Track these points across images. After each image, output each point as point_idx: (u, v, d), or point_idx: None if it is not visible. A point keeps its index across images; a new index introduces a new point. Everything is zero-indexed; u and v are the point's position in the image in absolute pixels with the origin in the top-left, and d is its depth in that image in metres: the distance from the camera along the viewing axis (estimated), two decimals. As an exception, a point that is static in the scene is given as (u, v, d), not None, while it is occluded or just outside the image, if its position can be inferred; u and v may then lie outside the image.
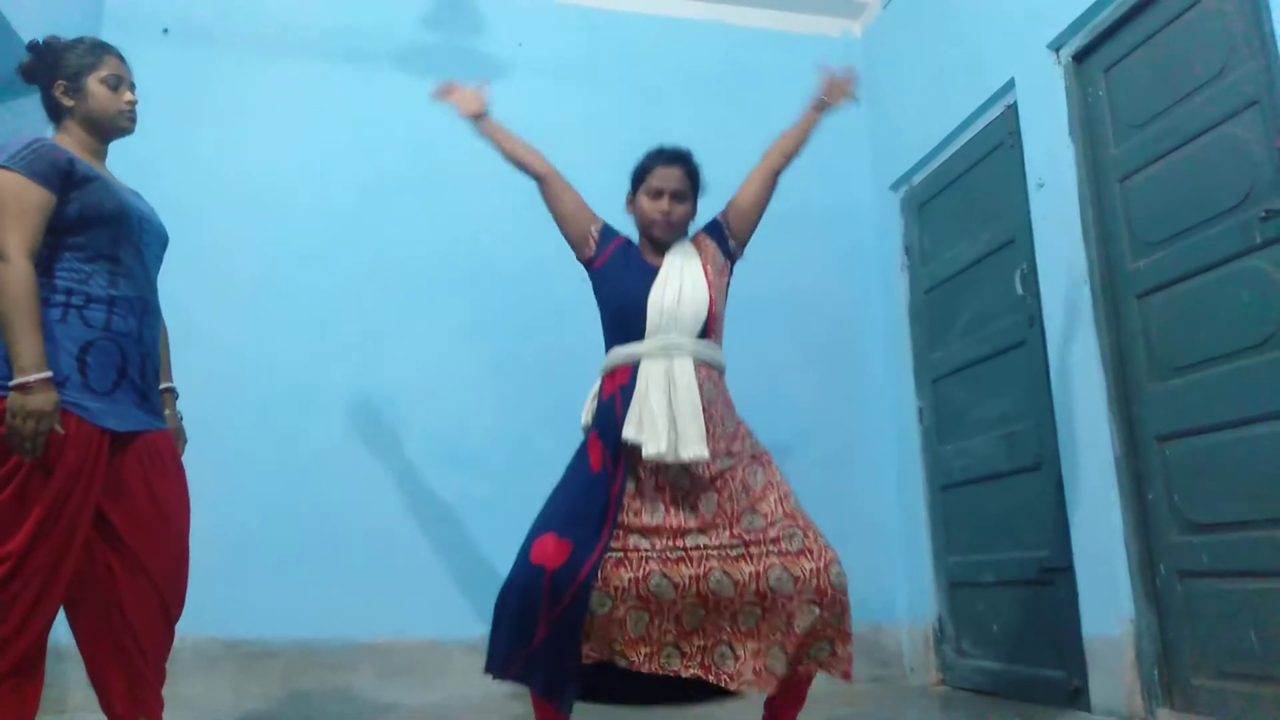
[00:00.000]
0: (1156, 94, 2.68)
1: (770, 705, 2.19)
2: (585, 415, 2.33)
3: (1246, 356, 2.36)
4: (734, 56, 4.27)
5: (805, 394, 3.91)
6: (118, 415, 1.96)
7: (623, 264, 2.35)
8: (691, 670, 2.06)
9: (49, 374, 1.81)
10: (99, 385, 1.94)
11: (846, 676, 2.09)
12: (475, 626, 3.45)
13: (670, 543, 2.08)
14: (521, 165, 2.57)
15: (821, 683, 3.70)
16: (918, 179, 3.96)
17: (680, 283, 2.26)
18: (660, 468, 2.12)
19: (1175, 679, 2.55)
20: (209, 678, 3.22)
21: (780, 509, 2.15)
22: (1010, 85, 3.26)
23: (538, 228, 3.90)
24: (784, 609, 2.05)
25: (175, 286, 3.52)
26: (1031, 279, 3.13)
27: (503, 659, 2.06)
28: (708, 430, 2.13)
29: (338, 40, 3.90)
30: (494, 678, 2.09)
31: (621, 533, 2.09)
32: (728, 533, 2.10)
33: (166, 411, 2.21)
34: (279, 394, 3.50)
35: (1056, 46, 3.04)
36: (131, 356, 2.01)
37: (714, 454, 2.13)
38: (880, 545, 3.84)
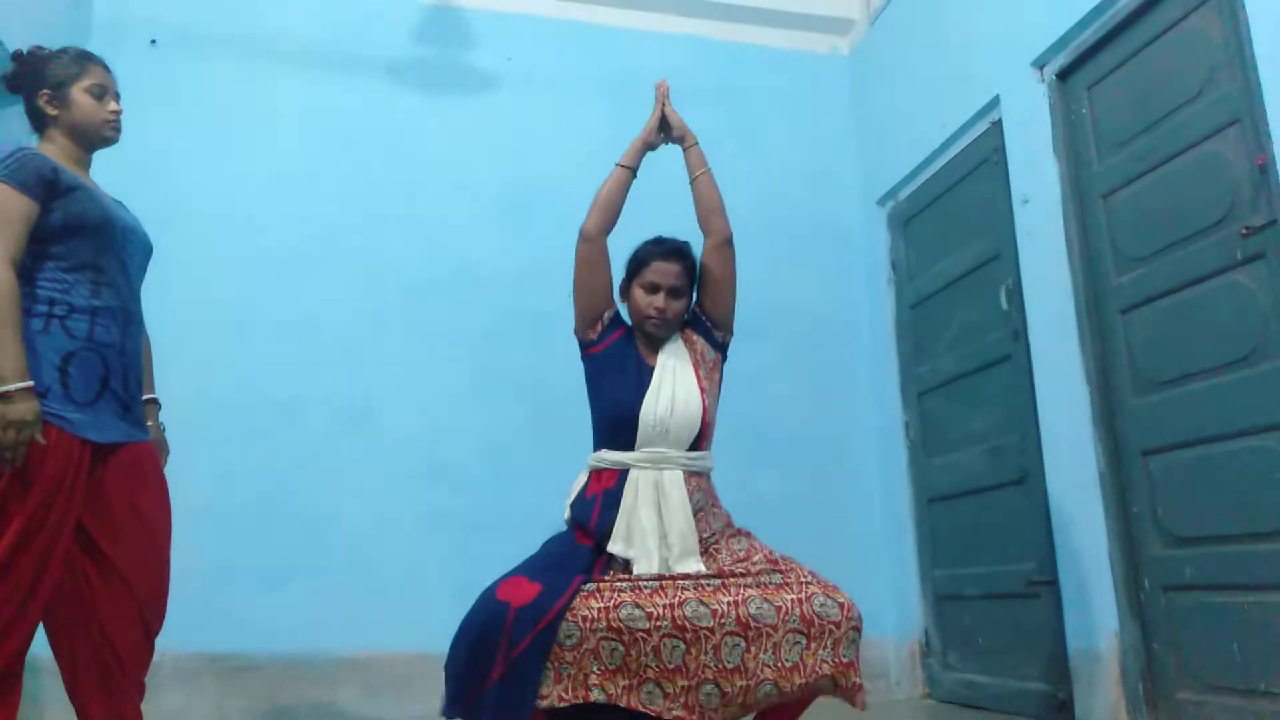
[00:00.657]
0: (1139, 112, 2.72)
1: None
2: (567, 511, 2.25)
3: (1229, 371, 2.38)
4: (723, 73, 4.29)
5: (792, 407, 3.92)
6: (99, 426, 1.94)
7: (620, 361, 2.25)
8: (675, 712, 1.92)
9: (30, 383, 1.79)
10: (81, 396, 1.92)
11: (858, 705, 2.04)
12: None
13: (646, 582, 2.00)
14: (606, 210, 2.38)
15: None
16: (904, 194, 3.99)
17: (673, 392, 2.18)
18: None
19: (1160, 692, 2.56)
20: (190, 692, 3.18)
21: (762, 555, 2.10)
22: (995, 102, 3.30)
23: (520, 239, 3.93)
24: (769, 639, 1.95)
25: (158, 297, 3.50)
26: (1016, 294, 3.15)
27: (451, 698, 1.98)
28: (699, 537, 2.09)
29: (326, 52, 3.91)
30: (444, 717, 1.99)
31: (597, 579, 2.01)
32: (707, 570, 2.05)
33: (149, 423, 2.19)
34: (261, 406, 3.48)
35: (1040, 64, 3.07)
36: (114, 367, 1.99)
37: (704, 557, 2.08)
38: (866, 558, 3.85)
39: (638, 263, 2.31)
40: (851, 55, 4.46)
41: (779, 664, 1.95)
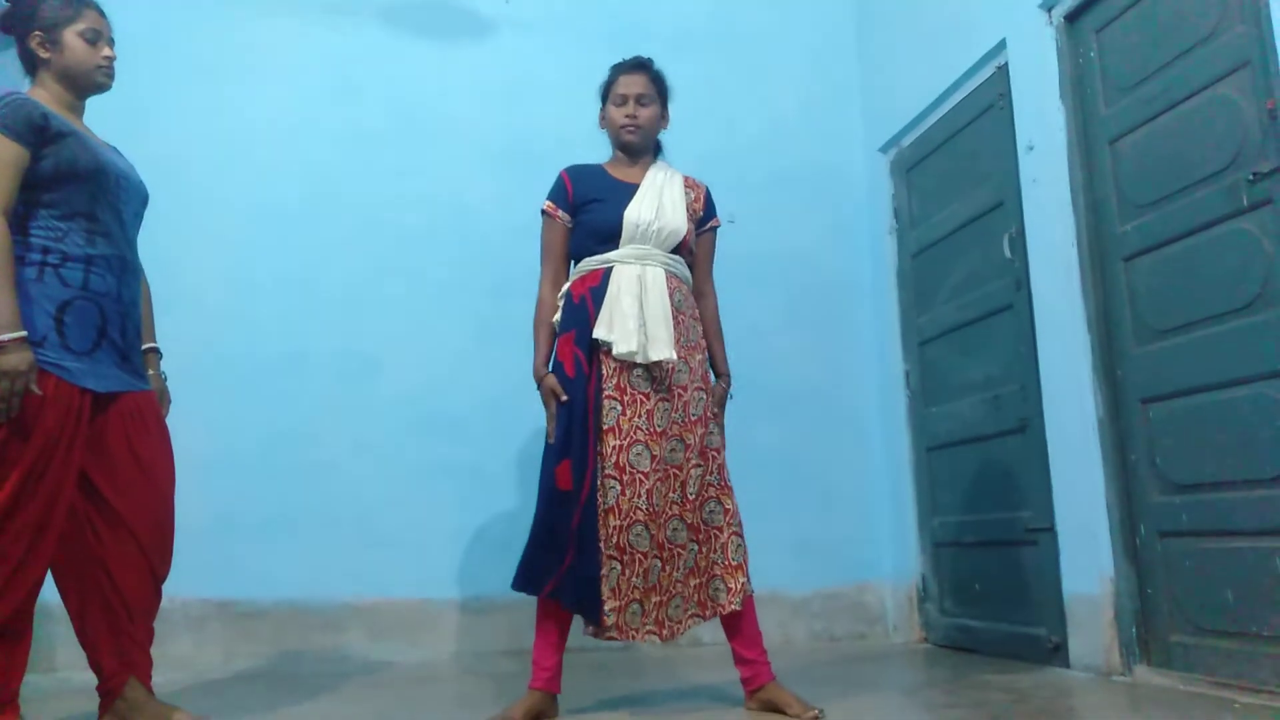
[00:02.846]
0: (1148, 55, 2.67)
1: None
2: (555, 314, 2.38)
3: (1231, 319, 2.38)
4: (725, 14, 4.21)
5: (792, 356, 3.92)
6: (98, 376, 1.94)
7: (592, 193, 2.38)
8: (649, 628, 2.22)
9: (23, 333, 1.79)
10: (78, 345, 1.92)
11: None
12: (462, 586, 3.49)
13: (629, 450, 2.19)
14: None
15: (803, 639, 3.76)
16: (907, 141, 3.94)
17: (660, 201, 2.34)
18: (623, 369, 2.22)
19: (1153, 636, 2.60)
20: (198, 638, 3.24)
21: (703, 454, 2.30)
22: (1001, 46, 3.24)
23: (520, 187, 3.88)
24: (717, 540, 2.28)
25: (156, 245, 3.48)
26: (1019, 242, 3.13)
27: (538, 577, 2.19)
28: (676, 336, 2.24)
29: (320, -5, 3.83)
30: (528, 593, 2.22)
31: (602, 445, 2.20)
32: (676, 359, 2.24)
33: (150, 372, 2.19)
34: (263, 354, 3.49)
35: (1048, 7, 3.01)
36: (111, 316, 1.99)
37: (684, 360, 2.26)
38: (866, 506, 3.89)
39: (606, 85, 2.48)
40: (856, -2, 4.37)
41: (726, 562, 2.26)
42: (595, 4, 4.10)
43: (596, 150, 4.20)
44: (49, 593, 1.98)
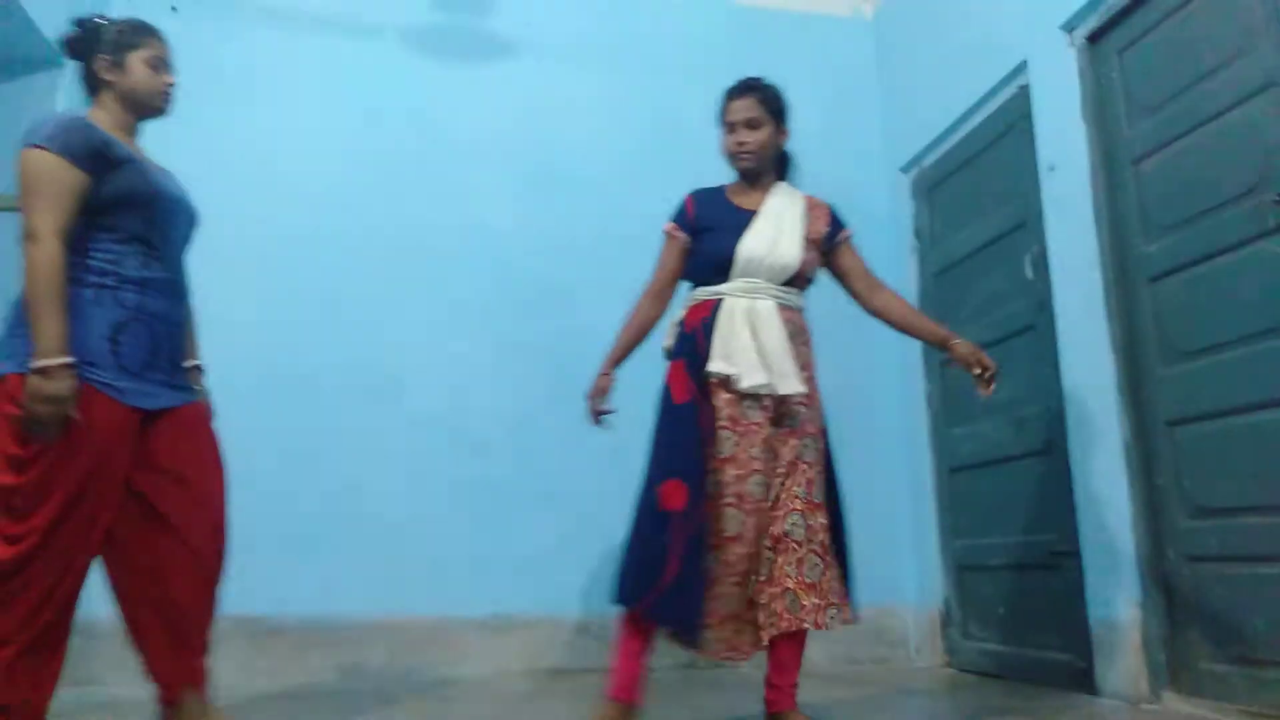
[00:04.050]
0: (1171, 76, 2.66)
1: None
2: (666, 340, 2.40)
3: (1258, 341, 2.35)
4: (744, 36, 4.24)
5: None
6: (147, 394, 1.98)
7: (710, 219, 2.38)
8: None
9: (69, 359, 1.80)
10: (131, 365, 1.95)
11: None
12: (484, 605, 3.48)
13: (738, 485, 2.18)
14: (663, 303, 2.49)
15: (825, 664, 3.72)
16: (928, 161, 3.94)
17: (776, 234, 2.32)
18: (735, 401, 2.20)
19: (1182, 663, 2.55)
20: (218, 655, 3.22)
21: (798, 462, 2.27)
22: (1023, 67, 3.24)
23: (543, 206, 3.92)
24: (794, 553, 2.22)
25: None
26: (1042, 263, 3.12)
27: (632, 593, 2.18)
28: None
29: (346, 17, 3.89)
30: (625, 607, 2.21)
31: (714, 473, 2.19)
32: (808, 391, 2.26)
33: (195, 388, 2.22)
34: (285, 371, 3.51)
35: (1070, 27, 3.01)
36: (162, 336, 2.03)
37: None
38: (888, 528, 3.85)
39: (719, 112, 2.42)
40: (875, 18, 4.39)
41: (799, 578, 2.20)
42: (617, 27, 4.14)
43: (614, 167, 4.24)
44: (94, 607, 1.98)
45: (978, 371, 2.29)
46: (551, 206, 3.90)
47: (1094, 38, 2.95)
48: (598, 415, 2.40)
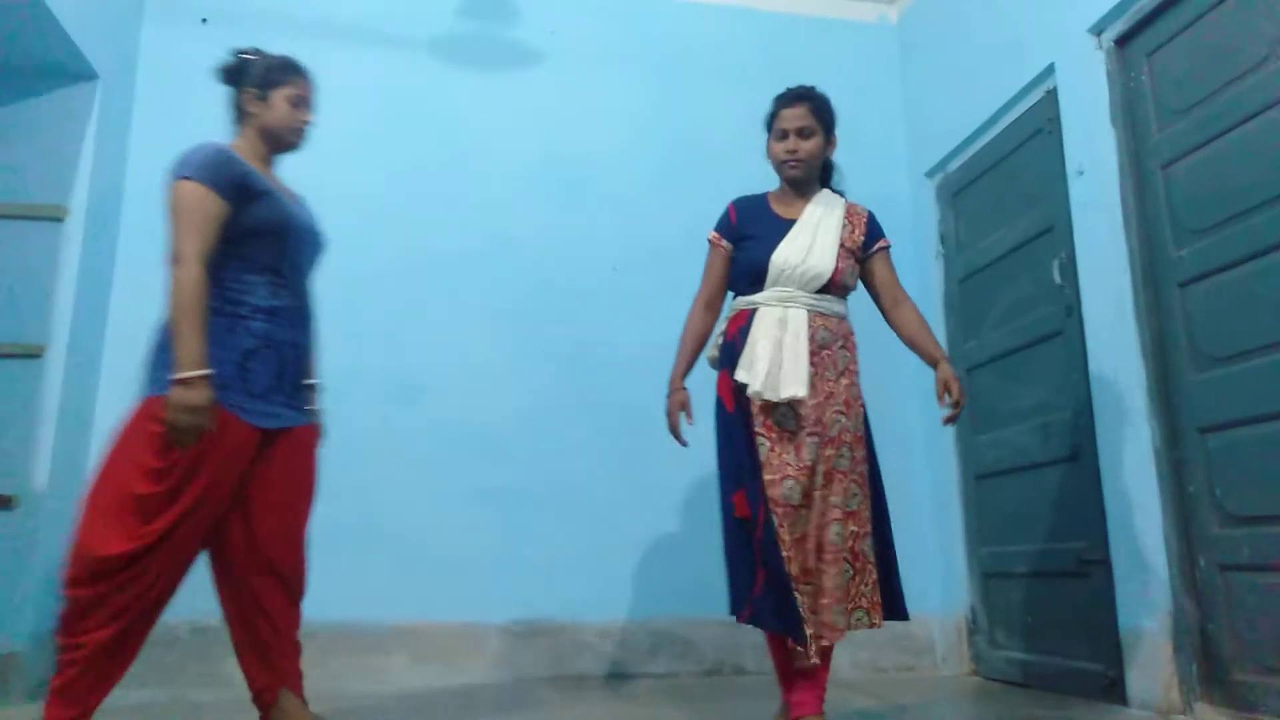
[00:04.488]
0: (1201, 79, 2.63)
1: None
2: (711, 350, 2.47)
3: (1292, 346, 2.31)
4: (768, 43, 4.24)
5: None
6: (270, 415, 2.09)
7: (750, 228, 2.43)
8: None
9: (207, 371, 1.93)
10: (256, 388, 2.07)
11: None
12: (506, 610, 3.49)
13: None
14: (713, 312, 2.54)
15: (850, 671, 3.70)
16: (953, 166, 3.91)
17: (811, 242, 2.36)
18: (768, 408, 2.25)
19: (1215, 673, 2.51)
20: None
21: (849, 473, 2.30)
22: (1050, 70, 3.21)
23: (566, 216, 3.94)
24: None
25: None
26: (1070, 268, 3.09)
27: (735, 604, 2.24)
28: (815, 371, 2.27)
29: (372, 28, 3.93)
30: (737, 620, 2.26)
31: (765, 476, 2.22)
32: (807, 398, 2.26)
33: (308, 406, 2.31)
34: (314, 378, 3.54)
35: (1098, 30, 2.98)
36: (288, 361, 2.14)
37: (822, 392, 2.27)
38: (913, 535, 3.81)
39: (769, 118, 2.47)
40: (899, 23, 4.37)
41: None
42: (640, 34, 4.16)
43: (641, 175, 4.25)
44: (175, 616, 2.01)
45: (944, 400, 2.37)
46: (575, 213, 3.92)
47: (1122, 41, 2.92)
48: (678, 432, 2.43)
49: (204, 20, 3.79)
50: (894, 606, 2.31)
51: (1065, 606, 3.08)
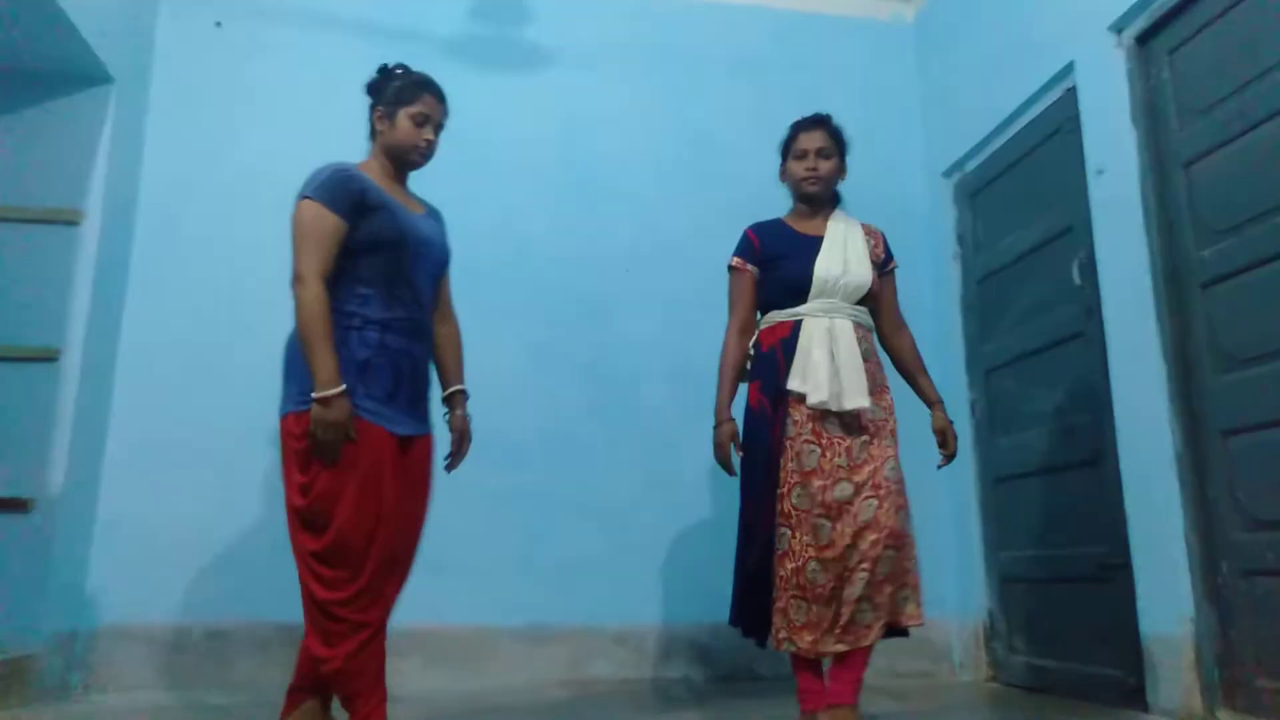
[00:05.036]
0: (1223, 77, 2.59)
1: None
2: (742, 361, 2.53)
3: (1318, 348, 2.27)
4: (783, 42, 4.21)
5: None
6: (396, 422, 2.15)
7: (778, 249, 2.51)
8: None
9: (344, 387, 2.02)
10: (376, 395, 2.12)
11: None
12: (519, 613, 3.48)
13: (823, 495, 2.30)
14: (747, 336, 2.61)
15: (868, 676, 3.66)
16: (971, 166, 3.88)
17: (845, 254, 2.46)
18: (818, 416, 2.33)
19: (1237, 679, 2.47)
20: (261, 659, 3.28)
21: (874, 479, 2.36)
22: (1069, 69, 3.17)
23: (577, 217, 3.92)
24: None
25: (224, 273, 3.60)
26: (1090, 268, 3.05)
27: (737, 616, 2.38)
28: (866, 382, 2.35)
29: (384, 30, 3.93)
30: (741, 632, 2.41)
31: (800, 487, 2.30)
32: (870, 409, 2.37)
33: (457, 411, 2.39)
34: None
35: (1119, 28, 2.94)
36: (404, 371, 2.19)
37: (872, 404, 2.36)
38: (930, 539, 3.75)
39: (787, 142, 2.60)
40: (916, 22, 4.34)
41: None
42: (652, 35, 4.14)
43: (653, 177, 4.23)
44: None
45: (941, 447, 2.54)
46: (587, 216, 3.90)
47: (1143, 38, 2.88)
48: (729, 463, 2.46)
49: (218, 24, 3.80)
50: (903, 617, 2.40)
51: (1085, 612, 3.04)
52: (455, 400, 2.41)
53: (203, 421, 3.41)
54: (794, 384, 2.34)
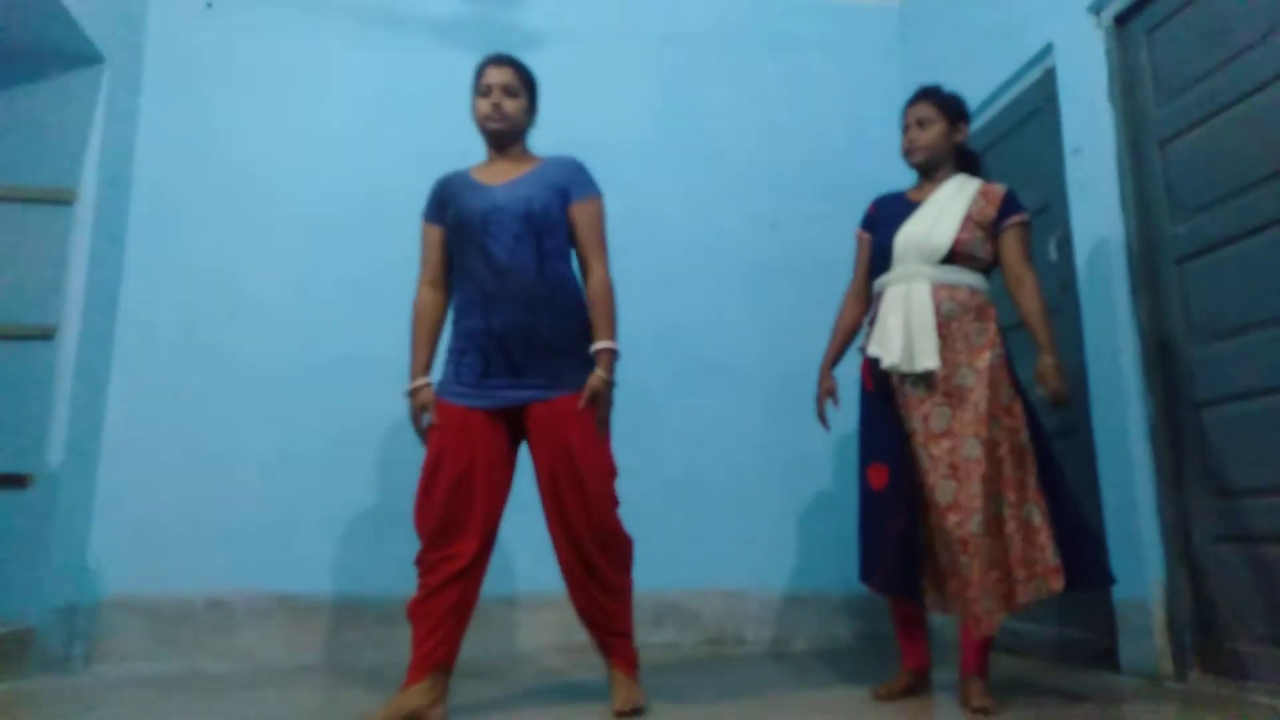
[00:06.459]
0: (1200, 57, 2.65)
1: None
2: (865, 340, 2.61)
3: (1286, 321, 2.35)
4: (771, 25, 4.25)
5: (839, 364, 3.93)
6: (488, 398, 2.29)
7: (884, 218, 2.62)
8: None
9: (426, 380, 2.34)
10: (467, 379, 2.29)
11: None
12: (513, 582, 3.55)
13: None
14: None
15: (850, 640, 3.73)
16: (954, 145, 3.93)
17: (934, 218, 2.49)
18: (903, 381, 2.39)
19: (1209, 643, 2.57)
20: (262, 630, 3.34)
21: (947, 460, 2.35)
22: (1048, 50, 3.23)
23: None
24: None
25: (224, 254, 3.63)
26: (1067, 245, 3.12)
27: (866, 570, 2.44)
28: (944, 342, 2.37)
29: (376, 12, 3.95)
30: (865, 584, 2.47)
31: (924, 448, 2.35)
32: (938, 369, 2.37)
33: (598, 371, 2.30)
34: (325, 358, 3.59)
35: (1097, 9, 3.00)
36: (489, 348, 2.28)
37: (952, 364, 2.37)
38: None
39: (901, 116, 2.65)
40: (900, 4, 4.38)
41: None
42: (643, 16, 4.17)
43: (644, 157, 4.26)
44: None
45: (1045, 394, 2.45)
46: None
47: (1122, 19, 2.94)
48: (825, 416, 2.69)
49: (209, 4, 3.81)
50: (1082, 572, 2.35)
51: (1062, 578, 3.13)
52: (599, 359, 2.31)
53: (200, 395, 3.46)
54: (871, 349, 2.46)
